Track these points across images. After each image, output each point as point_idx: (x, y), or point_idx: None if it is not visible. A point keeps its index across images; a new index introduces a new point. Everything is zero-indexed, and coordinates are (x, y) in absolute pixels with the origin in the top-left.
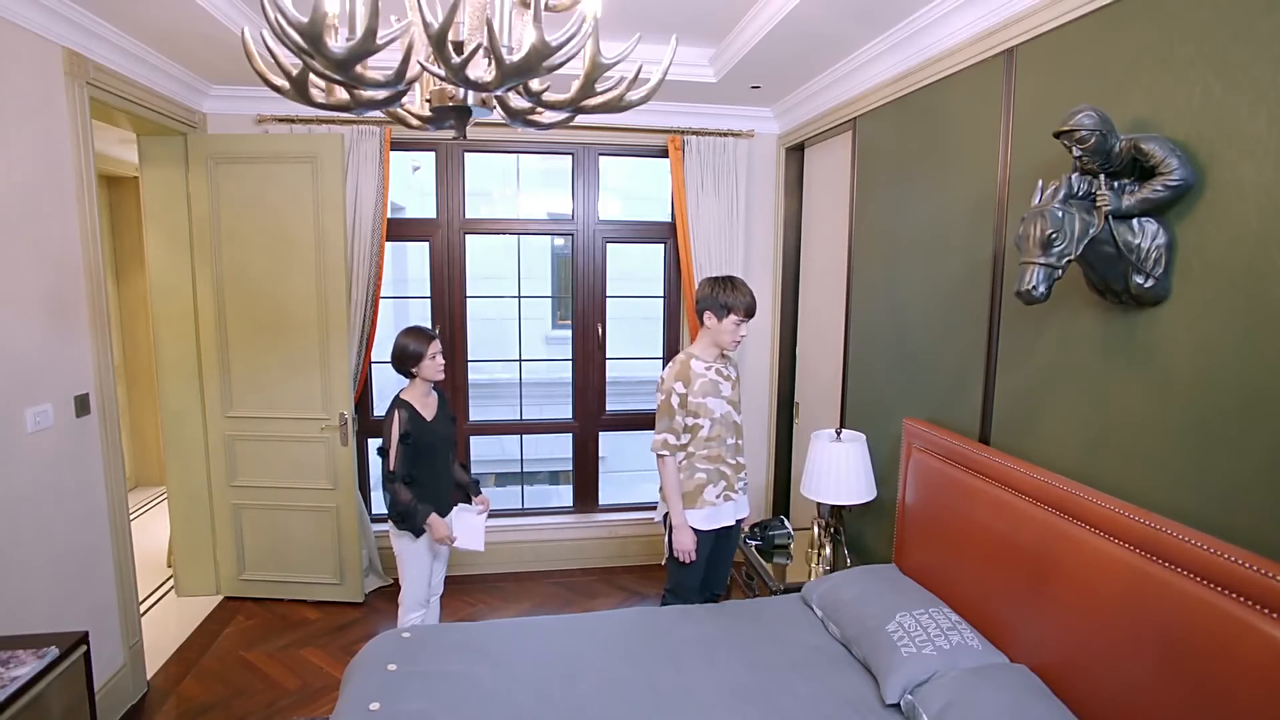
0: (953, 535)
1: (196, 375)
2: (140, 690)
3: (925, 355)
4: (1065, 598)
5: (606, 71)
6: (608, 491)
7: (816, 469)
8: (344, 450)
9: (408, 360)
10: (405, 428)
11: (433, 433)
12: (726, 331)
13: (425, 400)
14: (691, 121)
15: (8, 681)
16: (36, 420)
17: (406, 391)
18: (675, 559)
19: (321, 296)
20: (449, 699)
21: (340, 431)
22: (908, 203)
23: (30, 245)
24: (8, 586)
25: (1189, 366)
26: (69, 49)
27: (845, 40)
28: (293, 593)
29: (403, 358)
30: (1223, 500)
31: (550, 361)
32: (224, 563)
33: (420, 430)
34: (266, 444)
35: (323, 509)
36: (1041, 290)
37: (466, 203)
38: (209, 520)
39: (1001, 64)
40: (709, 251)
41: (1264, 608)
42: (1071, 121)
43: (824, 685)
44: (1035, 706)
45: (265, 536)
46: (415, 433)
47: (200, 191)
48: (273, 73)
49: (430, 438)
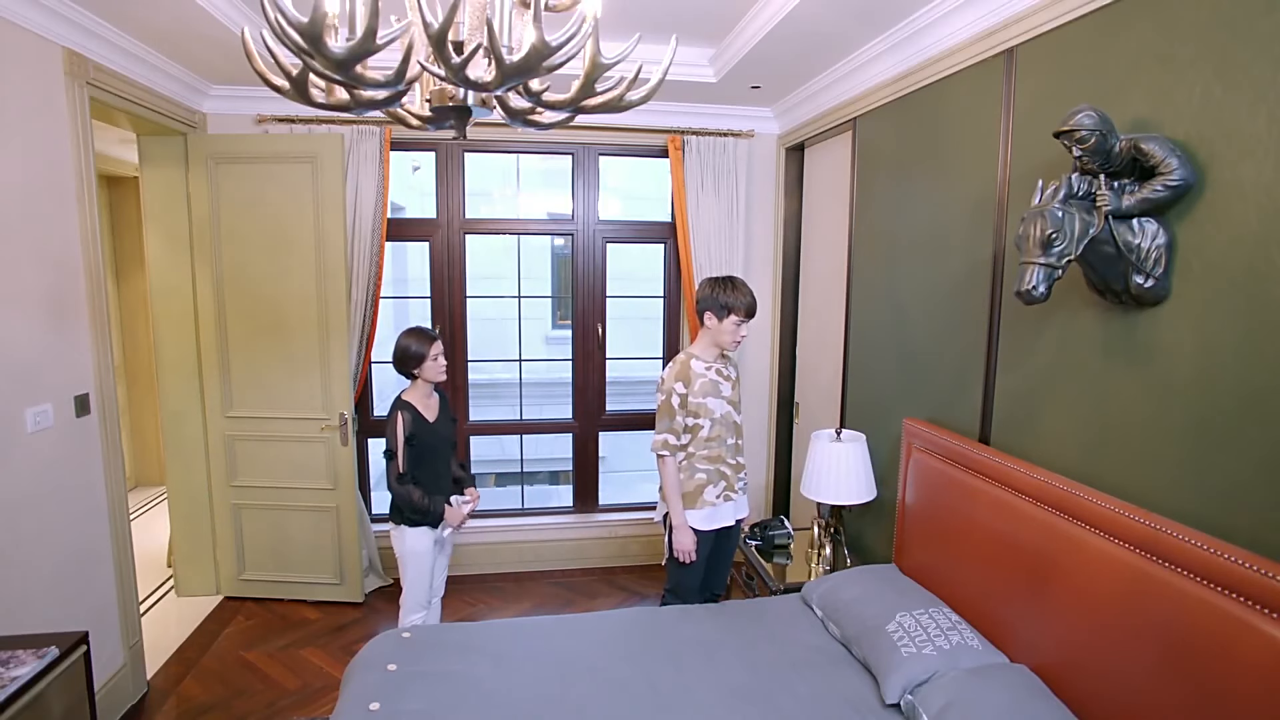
0: (953, 535)
1: (196, 375)
2: (140, 690)
3: (925, 355)
4: (1065, 598)
5: (606, 71)
6: (608, 491)
7: (816, 469)
8: (344, 450)
9: (409, 361)
10: (410, 430)
11: (435, 434)
12: (727, 332)
13: (427, 401)
14: (691, 121)
15: (8, 681)
16: (36, 420)
17: (408, 393)
18: (675, 559)
19: (321, 296)
20: (449, 699)
21: (340, 431)
22: (908, 203)
23: (30, 245)
24: (8, 586)
25: (1189, 366)
26: (69, 49)
27: (845, 40)
28: (293, 593)
29: (404, 359)
30: (1223, 500)
31: (550, 361)
32: (224, 563)
33: (423, 432)
34: (266, 444)
35: (323, 509)
36: (1041, 290)
37: (466, 203)
38: (209, 520)
39: (1001, 64)
40: (709, 251)
41: (1264, 608)
42: (1071, 121)
43: (824, 685)
44: (1035, 706)
45: (265, 536)
46: (419, 434)
47: (200, 191)
48: (273, 73)
49: (433, 439)
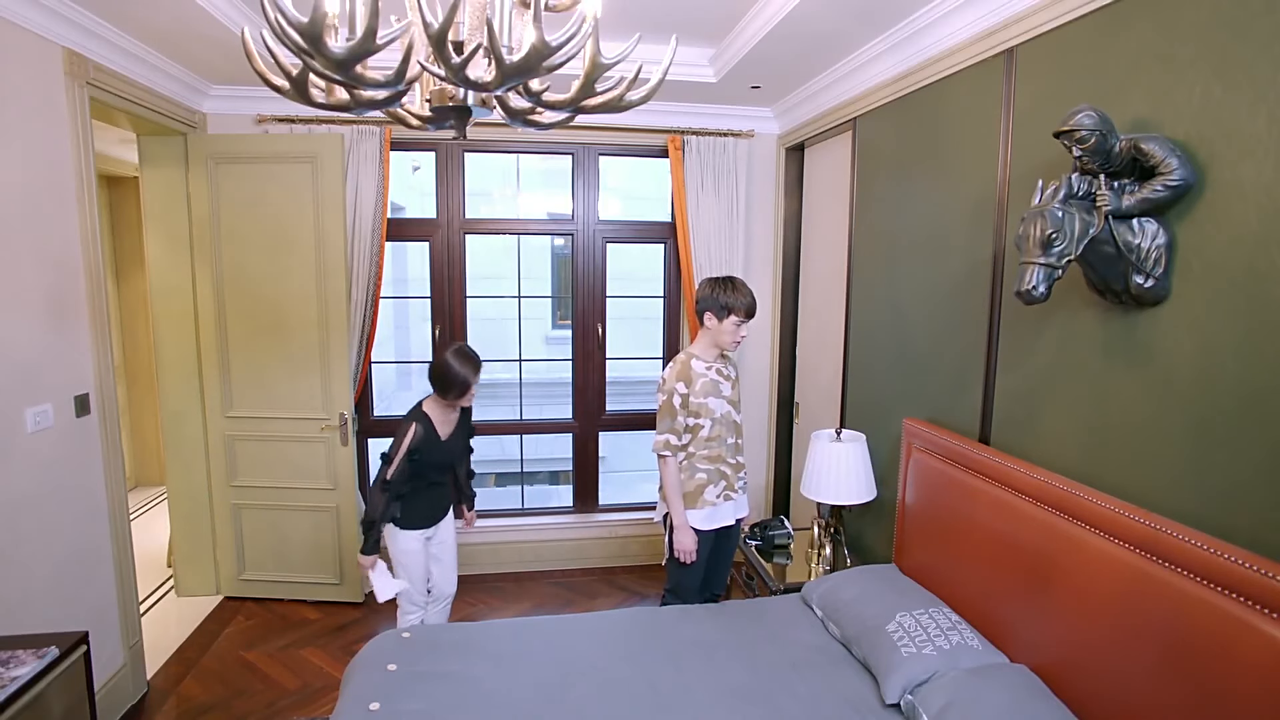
0: (953, 535)
1: (196, 375)
2: (140, 690)
3: (925, 355)
4: (1065, 598)
5: (606, 71)
6: (608, 491)
7: (816, 469)
8: (344, 450)
9: (453, 388)
10: (417, 445)
11: (443, 451)
12: (727, 332)
13: (446, 416)
14: (691, 121)
15: (8, 681)
16: (36, 420)
17: (429, 403)
18: (675, 559)
19: (321, 296)
20: (449, 699)
21: (340, 431)
22: (908, 203)
23: (30, 245)
24: (8, 586)
25: (1189, 366)
26: (69, 49)
27: (845, 40)
28: (293, 593)
29: (447, 382)
30: (1223, 500)
31: (550, 361)
32: (224, 563)
33: (430, 448)
34: (266, 444)
35: (322, 509)
36: (1041, 290)
37: (466, 203)
38: (209, 520)
39: (1001, 64)
40: (709, 251)
41: (1264, 608)
42: (1071, 121)
43: (824, 685)
44: (1035, 706)
45: (265, 536)
46: (424, 451)
47: (200, 191)
48: (273, 73)
49: (438, 455)
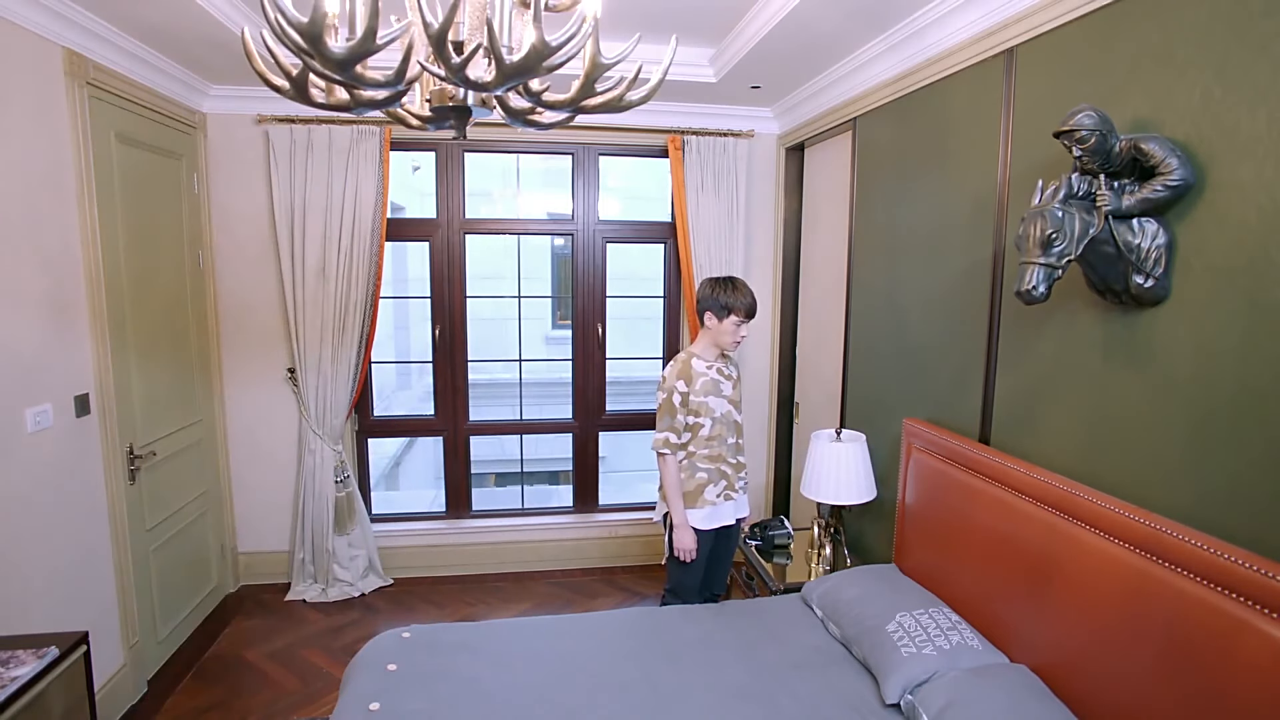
0: (953, 535)
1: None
2: (140, 690)
3: (925, 355)
4: (1065, 598)
5: (606, 71)
6: (608, 491)
7: (816, 469)
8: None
9: None
10: None
11: None
12: (727, 332)
13: None
14: (691, 121)
15: (8, 681)
16: (36, 420)
17: None
18: (675, 559)
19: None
20: (449, 699)
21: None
22: (908, 203)
23: (30, 245)
24: (8, 586)
25: (1189, 366)
26: (69, 49)
27: (845, 40)
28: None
29: None
30: (1222, 500)
31: (550, 361)
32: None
33: None
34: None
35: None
36: (1041, 290)
37: (466, 203)
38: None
39: (1001, 64)
40: (709, 251)
41: (1264, 608)
42: (1071, 121)
43: (824, 685)
44: (1035, 706)
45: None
46: None
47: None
48: (273, 73)
49: None
